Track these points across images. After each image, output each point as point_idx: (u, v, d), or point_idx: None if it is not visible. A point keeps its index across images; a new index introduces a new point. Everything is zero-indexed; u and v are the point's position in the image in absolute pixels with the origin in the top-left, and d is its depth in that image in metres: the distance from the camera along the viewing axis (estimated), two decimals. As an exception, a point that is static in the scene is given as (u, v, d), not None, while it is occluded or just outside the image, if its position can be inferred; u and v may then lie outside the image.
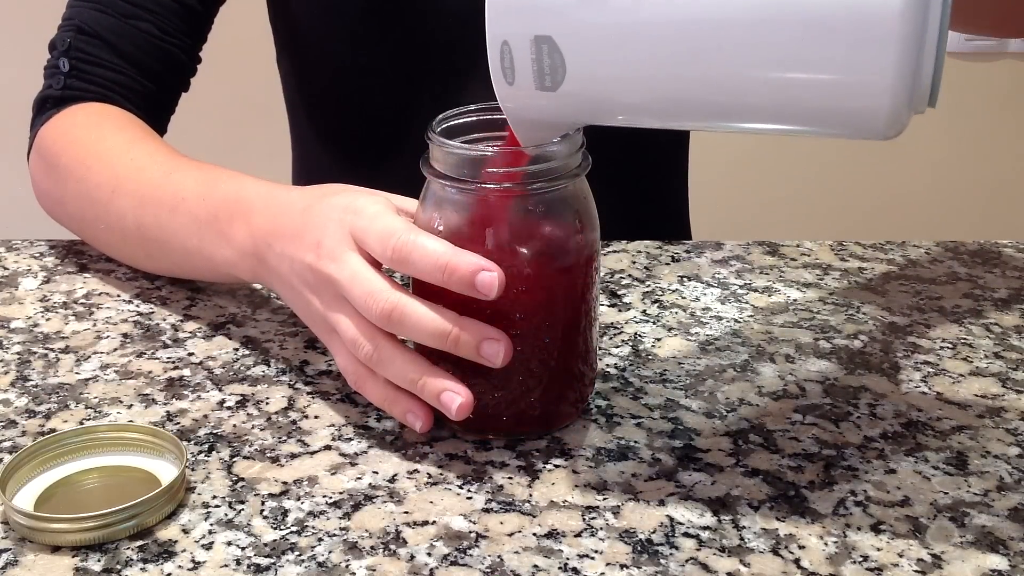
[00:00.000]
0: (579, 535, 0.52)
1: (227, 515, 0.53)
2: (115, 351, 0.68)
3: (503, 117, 0.54)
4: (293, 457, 0.58)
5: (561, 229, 0.56)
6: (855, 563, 0.50)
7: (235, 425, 0.60)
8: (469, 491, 0.55)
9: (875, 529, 0.52)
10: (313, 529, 0.52)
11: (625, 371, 0.66)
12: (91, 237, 0.79)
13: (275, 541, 0.51)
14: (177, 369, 0.66)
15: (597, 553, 0.51)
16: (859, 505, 0.54)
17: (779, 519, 0.53)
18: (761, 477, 0.56)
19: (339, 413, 0.62)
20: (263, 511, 0.54)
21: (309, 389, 0.64)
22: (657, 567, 0.50)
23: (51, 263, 0.80)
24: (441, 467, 0.57)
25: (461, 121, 0.58)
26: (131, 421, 0.61)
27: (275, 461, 0.57)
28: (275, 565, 0.50)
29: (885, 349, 0.69)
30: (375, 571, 0.50)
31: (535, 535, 0.52)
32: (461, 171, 0.55)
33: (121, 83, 0.82)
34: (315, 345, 0.68)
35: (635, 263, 0.80)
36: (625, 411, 0.62)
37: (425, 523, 0.53)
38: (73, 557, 0.51)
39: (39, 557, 0.51)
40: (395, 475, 0.56)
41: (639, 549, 0.51)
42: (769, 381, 0.65)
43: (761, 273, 0.79)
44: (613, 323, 0.72)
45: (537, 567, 0.50)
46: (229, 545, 0.51)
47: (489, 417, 0.58)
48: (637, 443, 0.59)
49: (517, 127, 0.54)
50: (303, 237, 0.60)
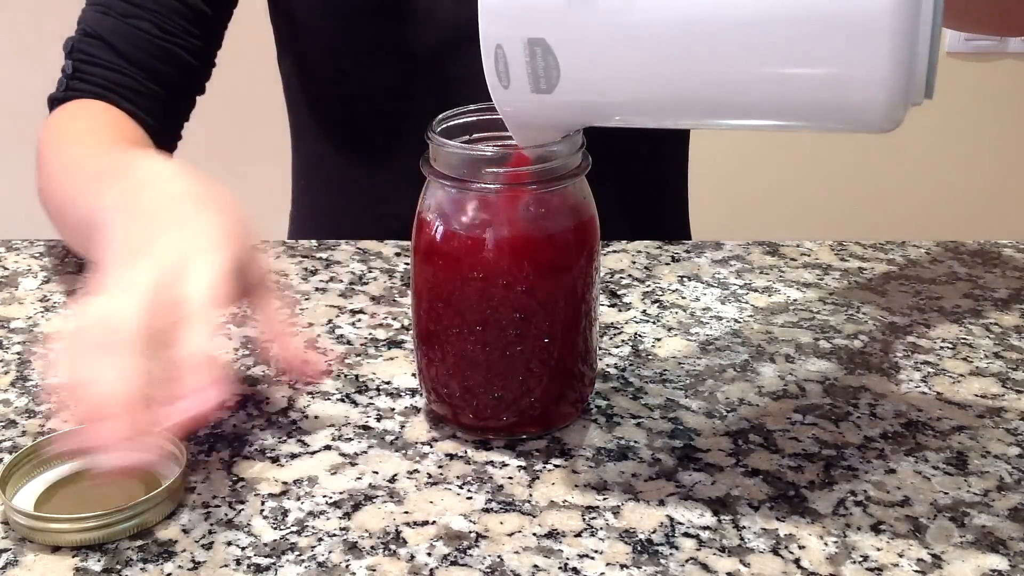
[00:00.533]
0: (579, 535, 0.52)
1: (227, 515, 0.53)
2: (115, 351, 0.68)
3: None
4: (293, 457, 0.58)
5: (561, 229, 0.56)
6: (855, 563, 0.50)
7: (235, 425, 0.60)
8: (469, 491, 0.55)
9: (875, 529, 0.52)
10: (313, 529, 0.52)
11: (625, 371, 0.66)
12: (51, 221, 0.79)
13: (275, 541, 0.52)
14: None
15: (597, 553, 0.51)
16: (859, 505, 0.54)
17: (779, 519, 0.53)
18: (761, 477, 0.56)
19: (339, 413, 0.62)
20: (263, 511, 0.54)
21: (309, 389, 0.64)
22: (657, 567, 0.50)
23: (51, 263, 0.80)
24: (441, 467, 0.57)
25: (461, 121, 0.58)
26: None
27: (275, 461, 0.57)
28: (275, 565, 0.50)
29: (885, 349, 0.69)
30: (375, 571, 0.50)
31: (535, 535, 0.52)
32: (461, 171, 0.55)
33: (121, 83, 0.82)
34: (315, 345, 0.69)
35: (635, 263, 0.80)
36: (625, 411, 0.62)
37: (425, 523, 0.53)
38: (73, 557, 0.51)
39: (39, 557, 0.51)
40: (395, 475, 0.56)
41: (639, 549, 0.51)
42: (769, 381, 0.65)
43: (761, 273, 0.79)
44: (613, 323, 0.72)
45: (537, 567, 0.50)
46: (229, 545, 0.51)
47: (489, 417, 0.58)
48: (637, 443, 0.59)
49: (514, 130, 0.54)
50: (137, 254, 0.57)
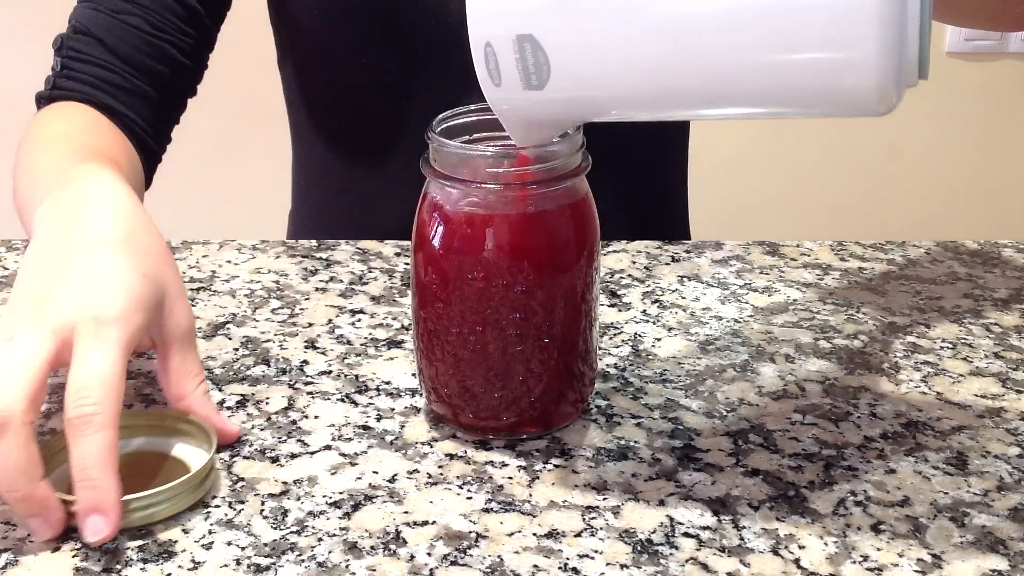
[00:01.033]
0: (579, 535, 0.52)
1: (227, 515, 0.53)
2: (115, 351, 0.68)
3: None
4: (293, 457, 0.58)
5: (561, 229, 0.56)
6: (855, 563, 0.50)
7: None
8: (469, 491, 0.55)
9: (875, 529, 0.52)
10: (313, 529, 0.52)
11: (625, 371, 0.66)
12: None
13: (275, 541, 0.52)
14: (177, 369, 0.66)
15: (597, 553, 0.51)
16: (859, 505, 0.54)
17: (779, 519, 0.53)
18: (761, 477, 0.56)
19: (339, 413, 0.62)
20: (263, 511, 0.54)
21: (309, 389, 0.64)
22: (657, 567, 0.50)
23: (51, 263, 0.80)
24: (441, 467, 0.57)
25: (461, 121, 0.58)
26: (151, 405, 0.61)
27: (275, 461, 0.57)
28: (275, 565, 0.50)
29: (885, 349, 0.69)
30: (375, 571, 0.50)
31: (535, 535, 0.52)
32: (461, 171, 0.55)
33: (110, 81, 0.80)
34: (315, 345, 0.69)
35: (635, 263, 0.80)
36: (625, 411, 0.62)
37: (425, 523, 0.53)
38: (73, 557, 0.51)
39: (39, 557, 0.51)
40: (395, 475, 0.56)
41: (639, 549, 0.51)
42: (769, 381, 0.65)
43: (761, 273, 0.79)
44: (613, 323, 0.72)
45: (537, 567, 0.50)
46: (229, 545, 0.51)
47: (489, 417, 0.58)
48: (637, 443, 0.59)
49: (510, 128, 0.54)
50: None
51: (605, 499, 0.54)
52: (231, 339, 0.69)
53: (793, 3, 0.44)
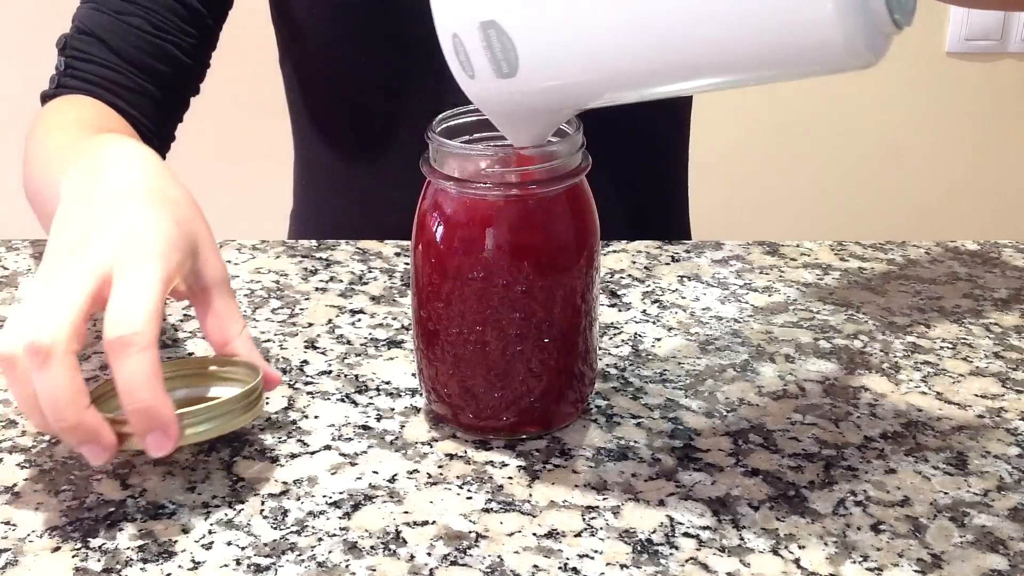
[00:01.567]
0: (579, 535, 0.52)
1: (227, 515, 0.53)
2: (115, 351, 0.68)
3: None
4: (293, 457, 0.58)
5: (561, 229, 0.56)
6: (855, 563, 0.50)
7: (235, 425, 0.60)
8: (469, 491, 0.55)
9: (875, 529, 0.52)
10: (313, 529, 0.52)
11: (625, 371, 0.66)
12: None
13: (275, 541, 0.52)
14: (177, 369, 0.66)
15: (597, 553, 0.51)
16: (859, 505, 0.54)
17: (779, 519, 0.53)
18: (761, 477, 0.56)
19: (339, 413, 0.62)
20: (263, 511, 0.54)
21: (309, 389, 0.64)
22: (657, 567, 0.50)
23: (51, 263, 0.80)
24: (441, 467, 0.57)
25: (461, 121, 0.58)
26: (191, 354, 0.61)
27: (275, 461, 0.57)
28: (275, 565, 0.50)
29: (885, 349, 0.69)
30: (375, 571, 0.50)
31: (535, 535, 0.52)
32: (461, 171, 0.55)
33: (114, 80, 0.81)
34: (315, 345, 0.69)
35: (635, 263, 0.80)
36: (625, 411, 0.62)
37: (425, 523, 0.53)
38: (73, 557, 0.51)
39: (39, 557, 0.51)
40: (395, 475, 0.56)
41: (639, 549, 0.51)
42: (769, 381, 0.65)
43: (761, 273, 0.79)
44: (613, 323, 0.72)
45: (537, 567, 0.50)
46: (229, 545, 0.51)
47: (489, 417, 0.58)
48: (637, 443, 0.59)
49: (499, 124, 0.53)
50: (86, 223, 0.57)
51: (605, 499, 0.54)
52: (231, 339, 0.69)
53: None
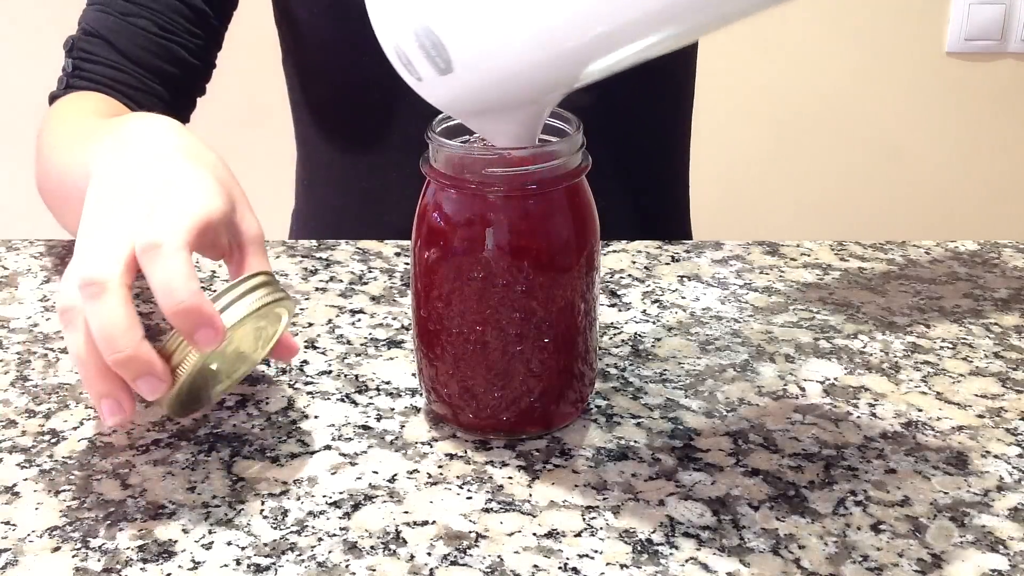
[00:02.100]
0: (579, 535, 0.52)
1: (227, 515, 0.53)
2: (115, 351, 0.68)
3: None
4: (293, 457, 0.58)
5: (561, 229, 0.56)
6: (855, 563, 0.50)
7: (235, 425, 0.60)
8: (469, 491, 0.55)
9: (875, 529, 0.52)
10: (313, 529, 0.52)
11: (625, 371, 0.66)
12: (51, 210, 0.79)
13: (275, 541, 0.52)
14: (177, 369, 0.66)
15: (597, 553, 0.51)
16: (859, 505, 0.54)
17: (779, 519, 0.53)
18: (761, 477, 0.56)
19: (339, 413, 0.62)
20: (263, 511, 0.54)
21: (309, 389, 0.64)
22: (657, 567, 0.50)
23: (51, 263, 0.80)
24: (441, 467, 0.57)
25: (461, 121, 0.58)
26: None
27: (275, 461, 0.57)
28: (275, 565, 0.50)
29: (885, 349, 0.69)
30: (375, 571, 0.50)
31: (535, 535, 0.52)
32: (461, 171, 0.55)
33: (122, 80, 0.82)
34: (315, 345, 0.69)
35: (635, 263, 0.80)
36: (625, 411, 0.62)
37: (425, 523, 0.53)
38: (73, 557, 0.51)
39: (39, 557, 0.51)
40: (395, 475, 0.56)
41: (639, 549, 0.51)
42: (769, 381, 0.65)
43: (761, 273, 0.79)
44: (613, 323, 0.72)
45: (537, 567, 0.50)
46: (229, 545, 0.51)
47: (489, 417, 0.58)
48: (637, 443, 0.59)
49: (469, 124, 0.54)
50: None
51: (605, 499, 0.54)
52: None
53: None
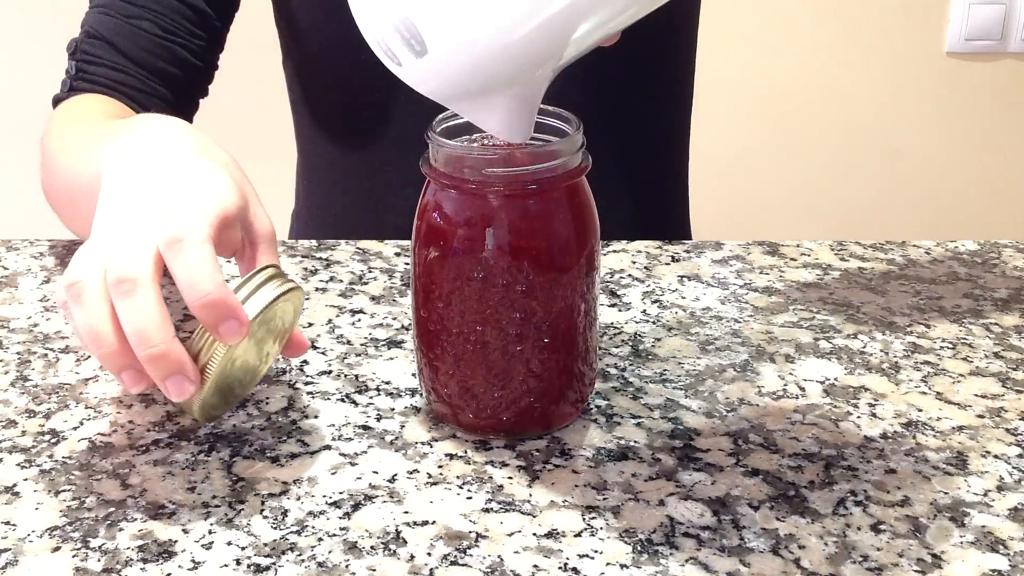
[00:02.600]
0: (579, 535, 0.52)
1: (227, 515, 0.53)
2: (115, 351, 0.68)
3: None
4: (293, 457, 0.58)
5: (561, 229, 0.56)
6: (855, 563, 0.50)
7: (235, 425, 0.60)
8: (469, 491, 0.55)
9: (875, 529, 0.52)
10: (313, 529, 0.52)
11: (625, 371, 0.66)
12: (57, 213, 0.80)
13: (275, 541, 0.52)
14: (177, 369, 0.66)
15: (597, 553, 0.51)
16: (859, 505, 0.54)
17: (779, 519, 0.53)
18: (761, 477, 0.56)
19: (339, 413, 0.62)
20: (263, 511, 0.54)
21: (309, 389, 0.64)
22: (657, 567, 0.50)
23: (51, 263, 0.80)
24: (441, 467, 0.57)
25: (461, 121, 0.58)
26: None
27: (275, 461, 0.57)
28: (275, 565, 0.50)
29: (885, 349, 0.69)
30: (375, 571, 0.50)
31: (535, 535, 0.52)
32: (461, 171, 0.55)
33: (125, 82, 0.83)
34: (315, 345, 0.69)
35: (635, 263, 0.80)
36: (625, 411, 0.62)
37: (425, 523, 0.53)
38: (73, 557, 0.51)
39: (39, 557, 0.51)
40: (395, 475, 0.56)
41: (639, 549, 0.51)
42: (769, 381, 0.65)
43: (761, 273, 0.79)
44: (613, 323, 0.72)
45: (537, 567, 0.50)
46: (229, 545, 0.51)
47: (489, 417, 0.58)
48: (637, 443, 0.59)
49: (453, 106, 0.54)
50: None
51: (605, 499, 0.54)
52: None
53: None
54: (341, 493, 0.55)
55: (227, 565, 0.50)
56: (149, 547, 0.51)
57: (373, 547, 0.51)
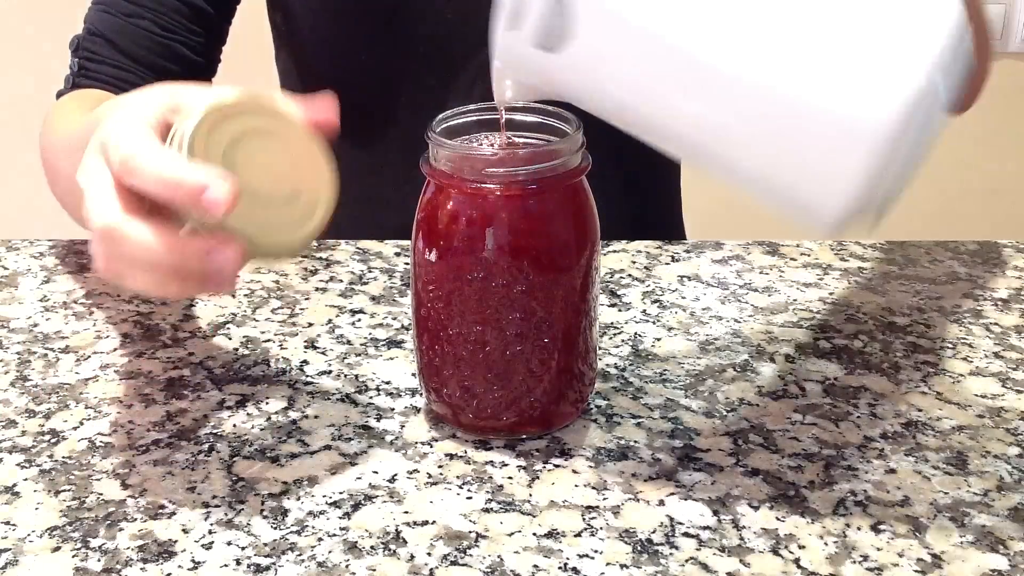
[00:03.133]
0: (579, 535, 0.52)
1: (227, 515, 0.53)
2: (115, 351, 0.68)
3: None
4: (293, 457, 0.58)
5: (561, 229, 0.56)
6: (855, 563, 0.50)
7: (235, 425, 0.60)
8: (469, 491, 0.55)
9: (875, 529, 0.52)
10: (313, 529, 0.52)
11: (625, 371, 0.66)
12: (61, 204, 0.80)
13: (275, 541, 0.52)
14: (177, 369, 0.66)
15: (597, 553, 0.51)
16: (859, 505, 0.54)
17: (779, 519, 0.53)
18: (761, 477, 0.56)
19: (339, 413, 0.62)
20: (263, 511, 0.54)
21: (309, 389, 0.64)
22: (657, 567, 0.50)
23: (51, 263, 0.80)
24: (441, 467, 0.57)
25: (461, 121, 0.58)
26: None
27: (275, 461, 0.57)
28: (275, 565, 0.50)
29: (885, 349, 0.69)
30: (375, 571, 0.50)
31: (535, 535, 0.52)
32: (461, 171, 0.55)
33: (126, 80, 0.83)
34: (315, 345, 0.69)
35: (635, 263, 0.80)
36: (625, 411, 0.62)
37: (425, 523, 0.53)
38: (73, 557, 0.51)
39: (39, 557, 0.51)
40: (395, 475, 0.56)
41: (639, 549, 0.51)
42: (769, 381, 0.65)
43: (761, 273, 0.79)
44: (613, 323, 0.72)
45: (537, 567, 0.50)
46: (229, 545, 0.51)
47: (489, 417, 0.58)
48: (637, 443, 0.59)
49: (496, 79, 0.53)
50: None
51: (605, 499, 0.54)
52: (231, 339, 0.69)
53: (805, 101, 0.44)
54: (341, 493, 0.55)
55: (227, 565, 0.50)
56: (149, 547, 0.51)
57: (373, 547, 0.51)
